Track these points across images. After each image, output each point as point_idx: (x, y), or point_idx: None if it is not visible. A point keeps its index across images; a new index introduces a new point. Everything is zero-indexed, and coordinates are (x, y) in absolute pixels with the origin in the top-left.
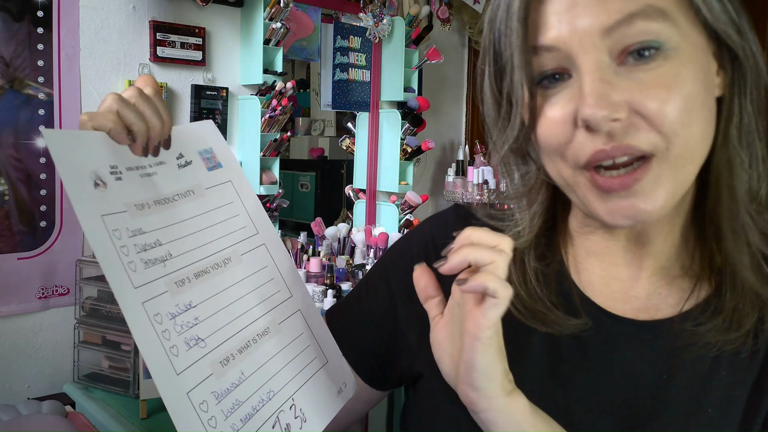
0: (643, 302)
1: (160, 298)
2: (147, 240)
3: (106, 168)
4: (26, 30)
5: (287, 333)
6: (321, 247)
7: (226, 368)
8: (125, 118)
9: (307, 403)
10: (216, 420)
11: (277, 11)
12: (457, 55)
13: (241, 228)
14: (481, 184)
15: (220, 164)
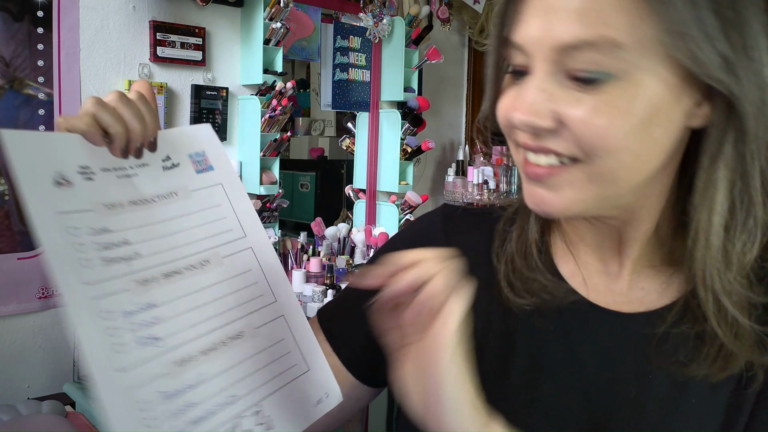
0: (626, 295)
1: (117, 295)
2: (112, 239)
3: (74, 168)
4: (26, 30)
5: (265, 338)
6: (321, 247)
7: (182, 369)
8: (101, 121)
9: (277, 411)
10: (159, 420)
11: (277, 11)
12: (457, 55)
13: (227, 231)
14: (481, 184)
15: (211, 167)
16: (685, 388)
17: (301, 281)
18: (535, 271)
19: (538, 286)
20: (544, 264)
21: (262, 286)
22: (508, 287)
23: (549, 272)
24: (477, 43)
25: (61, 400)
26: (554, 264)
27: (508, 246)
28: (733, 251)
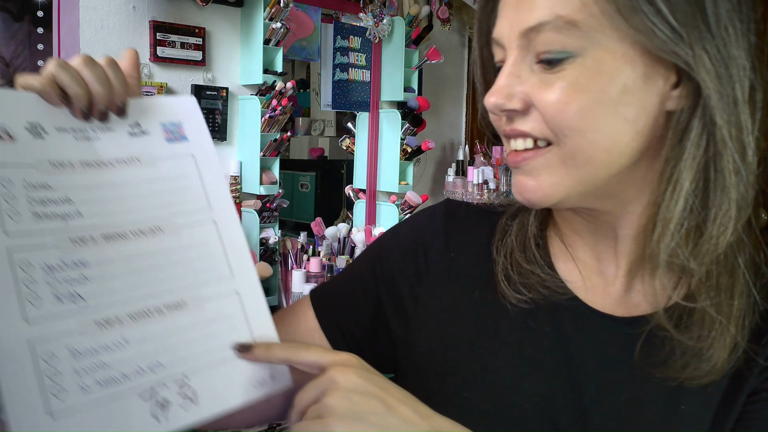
0: (622, 298)
1: (42, 250)
2: (51, 195)
3: (21, 124)
4: (26, 30)
5: (211, 312)
6: (321, 247)
7: (103, 330)
8: (60, 81)
9: (206, 386)
10: (62, 375)
11: (277, 11)
12: (457, 55)
13: (189, 201)
14: (481, 184)
15: (185, 138)
16: (677, 394)
17: (301, 281)
18: (534, 264)
19: (535, 280)
20: (543, 258)
21: (219, 260)
22: (505, 281)
23: (548, 266)
24: None
25: None
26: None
27: (508, 239)
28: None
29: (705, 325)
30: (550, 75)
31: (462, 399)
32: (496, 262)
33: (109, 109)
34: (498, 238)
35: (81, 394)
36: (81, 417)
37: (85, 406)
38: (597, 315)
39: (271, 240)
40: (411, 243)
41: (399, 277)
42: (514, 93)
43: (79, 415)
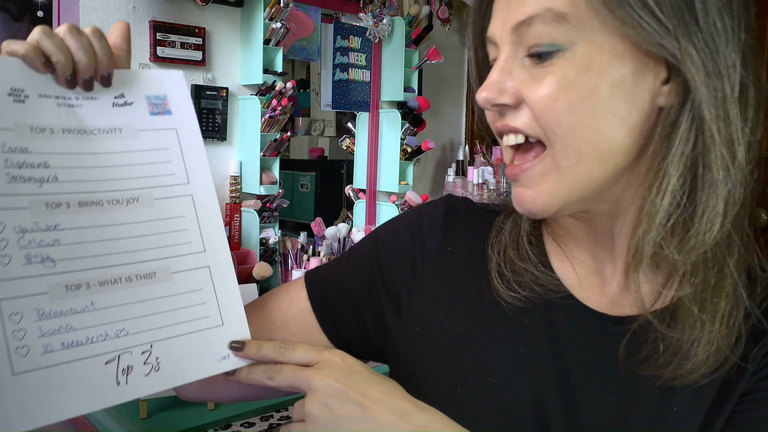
0: (617, 298)
1: (15, 211)
2: (29, 159)
3: (4, 89)
4: (26, 30)
5: (180, 284)
6: (321, 247)
7: (70, 293)
8: (44, 48)
9: (170, 357)
10: (26, 333)
11: (277, 11)
12: (457, 55)
13: (168, 174)
14: (481, 184)
15: (169, 111)
16: (668, 395)
17: None
18: (527, 261)
19: (529, 278)
20: (536, 256)
21: (192, 233)
22: (498, 278)
23: (542, 263)
24: None
25: None
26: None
27: (502, 237)
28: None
29: (688, 322)
30: (540, 69)
31: (454, 394)
32: (490, 258)
33: (93, 78)
34: (493, 235)
35: (44, 354)
36: (42, 375)
37: (47, 366)
38: (591, 314)
39: (271, 240)
40: (409, 236)
41: (395, 269)
42: (505, 88)
43: (41, 374)
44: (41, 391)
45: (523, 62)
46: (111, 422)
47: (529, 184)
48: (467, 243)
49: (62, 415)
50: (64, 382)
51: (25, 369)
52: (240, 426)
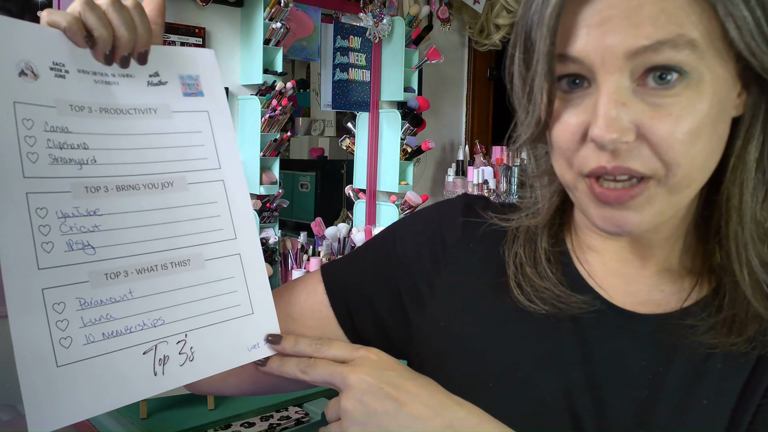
0: (644, 297)
1: (57, 195)
2: (70, 140)
3: (46, 62)
4: None
5: (213, 271)
6: (321, 247)
7: (110, 282)
8: (86, 21)
9: (203, 346)
10: (69, 324)
11: (277, 11)
12: (457, 55)
13: (201, 159)
14: (481, 184)
15: (201, 93)
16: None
17: None
18: (546, 280)
19: (550, 295)
20: (555, 273)
21: (224, 220)
22: (518, 289)
23: (561, 283)
24: (477, 43)
25: None
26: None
27: (517, 248)
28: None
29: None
30: (661, 99)
31: (486, 389)
32: (508, 265)
33: (131, 55)
34: (510, 239)
35: (86, 345)
36: (85, 367)
37: (88, 356)
38: (618, 312)
39: (271, 240)
40: (429, 232)
41: (415, 264)
42: (626, 123)
43: (84, 365)
44: (84, 383)
45: (634, 90)
46: (111, 422)
47: (636, 208)
48: (485, 240)
49: (103, 408)
50: (105, 374)
51: (69, 361)
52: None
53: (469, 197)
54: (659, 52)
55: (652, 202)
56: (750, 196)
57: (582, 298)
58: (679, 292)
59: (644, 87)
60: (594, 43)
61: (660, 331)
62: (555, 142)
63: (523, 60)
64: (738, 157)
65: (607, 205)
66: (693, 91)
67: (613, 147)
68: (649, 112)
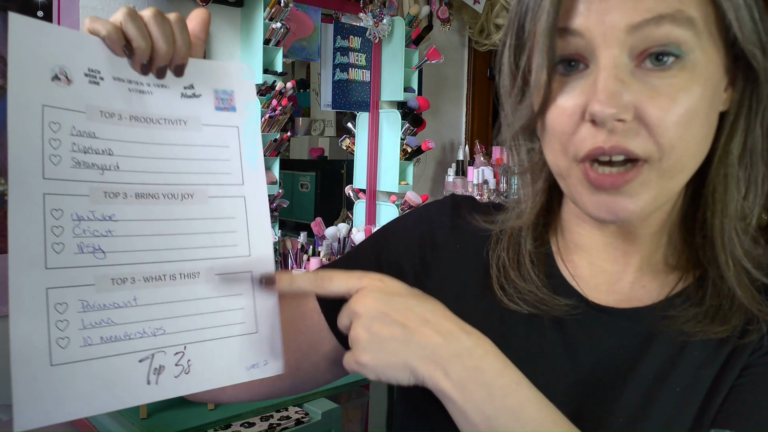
0: (626, 294)
1: (75, 198)
2: (95, 145)
3: (81, 68)
4: None
5: (221, 287)
6: (321, 247)
7: (116, 287)
8: (126, 31)
9: (201, 360)
10: (69, 324)
11: (277, 11)
12: (457, 55)
13: (225, 173)
14: (481, 184)
15: (233, 108)
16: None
17: None
18: (529, 283)
19: (533, 298)
20: (538, 275)
21: (240, 236)
22: (501, 291)
23: (545, 285)
24: (477, 43)
25: None
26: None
27: (500, 251)
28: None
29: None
30: (659, 81)
31: None
32: (491, 267)
33: (168, 67)
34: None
35: (83, 347)
36: (79, 368)
37: (84, 359)
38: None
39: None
40: (417, 233)
41: (405, 264)
42: (625, 102)
43: (78, 366)
44: (76, 384)
45: (633, 71)
46: (111, 422)
47: (630, 193)
48: (472, 239)
49: (92, 410)
50: (98, 377)
51: (63, 361)
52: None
53: (456, 198)
54: (659, 26)
55: (646, 187)
56: (734, 189)
57: (565, 301)
58: (661, 287)
59: (641, 68)
60: (595, 16)
61: (640, 324)
62: (550, 126)
63: (515, 48)
64: (723, 151)
65: (602, 192)
66: (689, 74)
67: (611, 125)
68: (647, 93)
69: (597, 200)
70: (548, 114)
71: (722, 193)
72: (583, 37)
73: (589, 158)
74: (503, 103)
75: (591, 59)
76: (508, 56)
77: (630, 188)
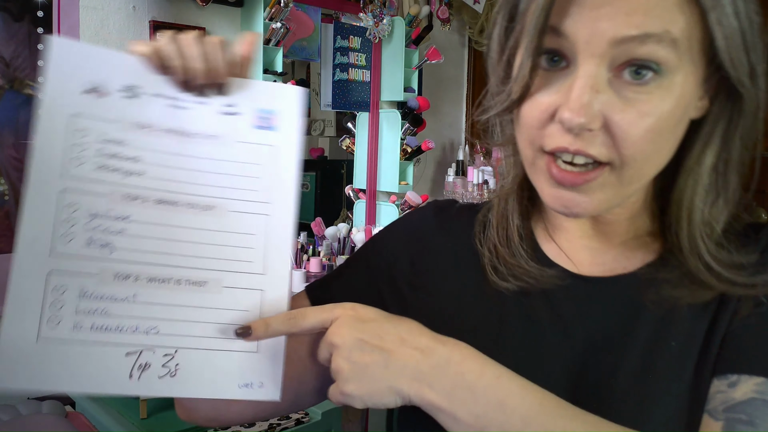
0: (611, 265)
1: (93, 197)
2: (122, 152)
3: (118, 84)
4: (26, 30)
5: (227, 300)
6: (321, 247)
7: (118, 281)
8: (162, 52)
9: (190, 367)
10: (63, 307)
11: (277, 11)
12: (457, 55)
13: (252, 190)
14: (481, 184)
15: (273, 128)
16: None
17: (301, 281)
18: (518, 257)
19: (521, 272)
20: (526, 250)
21: (257, 254)
22: (493, 272)
23: (532, 259)
24: (477, 43)
25: (61, 400)
26: (538, 247)
27: (489, 233)
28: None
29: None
30: (632, 94)
31: None
32: (482, 254)
33: (206, 85)
34: (478, 230)
35: (72, 330)
36: (63, 347)
37: (71, 340)
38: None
39: None
40: (405, 237)
41: (396, 266)
42: (594, 111)
43: (63, 345)
44: (60, 360)
45: (611, 82)
46: (111, 422)
47: (587, 192)
48: (459, 237)
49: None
50: (82, 360)
51: (51, 337)
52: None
53: (439, 201)
54: (644, 44)
55: (603, 188)
56: (700, 199)
57: (552, 272)
58: (645, 255)
59: (619, 79)
60: (585, 22)
61: (629, 288)
62: (523, 117)
63: (505, 29)
64: (696, 160)
65: (561, 186)
66: (664, 91)
67: (578, 131)
68: (618, 104)
69: (555, 193)
70: (523, 106)
71: (689, 201)
72: (569, 39)
73: (553, 153)
74: (489, 74)
75: (572, 61)
76: (498, 33)
77: (588, 187)
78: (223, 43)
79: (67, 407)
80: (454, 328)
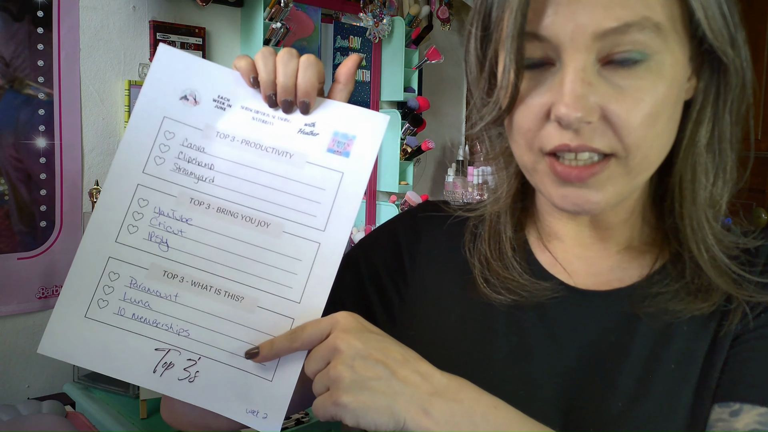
0: (606, 276)
1: (164, 195)
2: (200, 158)
3: (211, 94)
4: (26, 30)
5: (258, 320)
6: None
7: (164, 279)
8: (256, 65)
9: (209, 378)
10: (112, 292)
11: (277, 11)
12: (457, 55)
13: (310, 215)
14: (481, 184)
15: (347, 153)
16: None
17: None
18: (511, 270)
19: (515, 285)
20: (520, 263)
21: (298, 281)
22: (485, 284)
23: (525, 272)
24: None
25: (61, 400)
26: (532, 256)
27: (480, 244)
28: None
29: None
30: (624, 81)
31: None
32: (473, 264)
33: (293, 102)
34: (468, 239)
35: (115, 315)
36: (102, 330)
37: (112, 325)
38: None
39: None
40: (392, 243)
41: (384, 273)
42: (591, 104)
43: (102, 328)
44: (98, 341)
45: (599, 71)
46: (111, 422)
47: (596, 186)
48: (447, 244)
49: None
50: (116, 344)
51: (95, 317)
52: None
53: (427, 204)
54: (626, 34)
55: (611, 181)
56: (702, 177)
57: (546, 285)
58: (641, 267)
59: (608, 68)
60: (563, 20)
61: (625, 303)
62: (516, 123)
63: (481, 39)
64: (690, 140)
65: (568, 184)
66: (654, 75)
67: (577, 126)
68: (613, 94)
69: (563, 192)
70: (515, 113)
71: (690, 182)
72: (550, 42)
73: (554, 153)
74: (472, 90)
75: (557, 60)
76: (475, 45)
77: (596, 181)
78: (312, 63)
79: (67, 407)
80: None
